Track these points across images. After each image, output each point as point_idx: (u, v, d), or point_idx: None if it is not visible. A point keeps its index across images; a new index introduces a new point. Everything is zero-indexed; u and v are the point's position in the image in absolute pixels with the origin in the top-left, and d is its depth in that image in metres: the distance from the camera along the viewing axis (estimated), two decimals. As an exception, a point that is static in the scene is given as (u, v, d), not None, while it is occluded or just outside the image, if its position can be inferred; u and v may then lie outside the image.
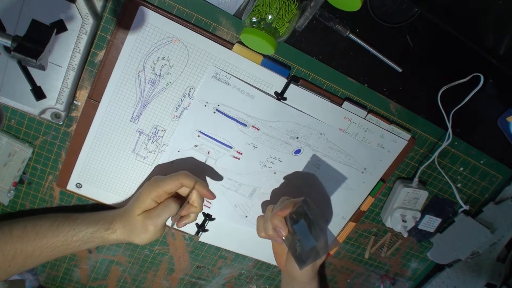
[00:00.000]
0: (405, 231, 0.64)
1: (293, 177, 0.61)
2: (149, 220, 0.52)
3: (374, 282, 0.79)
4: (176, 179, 0.51)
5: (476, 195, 0.71)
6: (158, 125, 0.54)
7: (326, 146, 0.59)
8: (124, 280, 0.69)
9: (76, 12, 0.45)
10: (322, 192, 0.63)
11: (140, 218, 0.52)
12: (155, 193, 0.51)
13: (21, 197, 0.58)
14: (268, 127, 0.56)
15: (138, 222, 0.52)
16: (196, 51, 0.50)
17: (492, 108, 0.63)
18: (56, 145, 0.55)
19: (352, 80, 0.55)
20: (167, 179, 0.52)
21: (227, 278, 0.73)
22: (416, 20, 0.52)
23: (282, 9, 0.43)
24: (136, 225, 0.52)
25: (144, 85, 0.51)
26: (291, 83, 0.53)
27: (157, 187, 0.51)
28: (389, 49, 0.54)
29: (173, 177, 0.52)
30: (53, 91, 0.49)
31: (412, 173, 0.66)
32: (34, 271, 0.65)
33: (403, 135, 0.60)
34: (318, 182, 0.62)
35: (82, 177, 0.56)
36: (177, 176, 0.52)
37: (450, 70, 0.58)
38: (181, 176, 0.52)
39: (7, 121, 0.52)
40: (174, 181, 0.51)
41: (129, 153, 0.56)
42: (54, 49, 0.47)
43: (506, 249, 0.78)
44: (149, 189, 0.52)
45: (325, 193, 0.63)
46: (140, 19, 0.47)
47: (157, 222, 0.52)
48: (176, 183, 0.51)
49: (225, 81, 0.52)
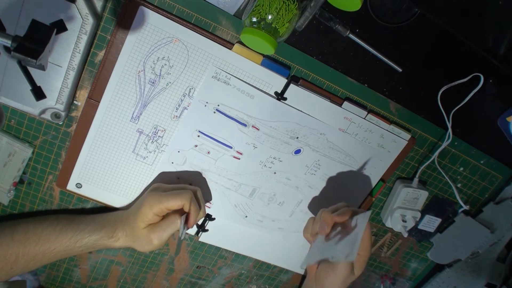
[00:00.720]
0: (405, 231, 0.64)
1: (293, 177, 0.61)
2: (154, 234, 0.52)
3: (374, 282, 0.79)
4: (180, 200, 0.51)
5: (476, 195, 0.71)
6: (158, 125, 0.54)
7: (326, 146, 0.59)
8: (124, 280, 0.69)
9: (76, 12, 0.45)
10: (322, 192, 0.63)
11: (144, 231, 0.52)
12: (157, 208, 0.51)
13: (21, 197, 0.58)
14: (268, 127, 0.56)
15: (142, 235, 0.52)
16: (196, 51, 0.50)
17: (492, 108, 0.63)
18: (56, 145, 0.55)
19: (352, 80, 0.55)
20: (170, 197, 0.51)
21: (227, 278, 0.73)
22: (416, 20, 0.52)
23: (282, 9, 0.43)
24: (140, 237, 0.52)
25: (144, 85, 0.51)
26: (291, 83, 0.53)
27: (160, 203, 0.51)
28: (389, 49, 0.54)
29: (177, 197, 0.51)
30: (53, 91, 0.49)
31: (412, 173, 0.66)
32: (34, 272, 0.65)
33: (403, 135, 0.60)
34: (318, 182, 0.62)
35: (82, 177, 0.56)
36: (181, 197, 0.51)
37: (450, 70, 0.58)
38: (184, 197, 0.51)
39: (7, 121, 0.52)
40: (177, 201, 0.51)
41: (129, 153, 0.56)
42: (54, 49, 0.47)
43: (506, 249, 0.78)
44: (151, 204, 0.51)
45: (325, 193, 0.63)
46: (140, 19, 0.47)
47: (162, 236, 0.52)
48: (178, 203, 0.51)
49: (225, 81, 0.52)
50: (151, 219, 0.52)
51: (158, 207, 0.51)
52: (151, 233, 0.52)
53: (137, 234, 0.53)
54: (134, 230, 0.53)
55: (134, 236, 0.53)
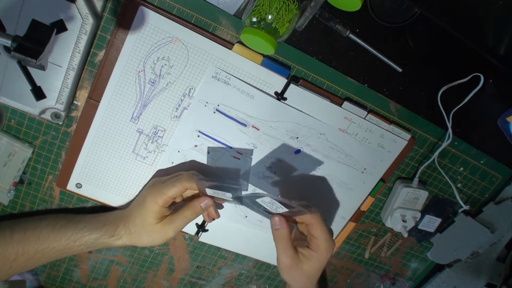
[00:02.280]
0: (405, 231, 0.64)
1: (293, 177, 0.61)
2: (170, 225, 0.52)
3: (374, 282, 0.79)
4: (179, 184, 0.50)
5: (476, 195, 0.71)
6: (158, 125, 0.54)
7: (326, 146, 0.59)
8: (124, 280, 0.69)
9: (76, 12, 0.45)
10: (322, 192, 0.63)
11: (158, 226, 0.52)
12: (161, 200, 0.51)
13: (21, 197, 0.58)
14: (268, 127, 0.56)
15: (156, 230, 0.52)
16: (196, 51, 0.50)
17: (492, 108, 0.63)
18: (56, 145, 0.55)
19: (352, 80, 0.55)
20: (170, 185, 0.51)
21: (227, 278, 0.73)
22: (416, 20, 0.52)
23: (282, 9, 0.43)
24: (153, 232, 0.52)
25: (144, 85, 0.51)
26: (291, 83, 0.53)
27: (163, 194, 0.51)
28: (389, 49, 0.54)
29: (176, 182, 0.51)
30: (53, 91, 0.49)
31: (412, 173, 0.66)
32: (34, 271, 0.65)
33: (403, 135, 0.60)
34: (318, 182, 0.62)
35: (82, 177, 0.56)
36: (180, 181, 0.51)
37: (450, 70, 0.58)
38: (183, 179, 0.51)
39: (7, 121, 0.52)
40: (178, 186, 0.50)
41: (129, 153, 0.56)
42: (54, 49, 0.47)
43: (506, 249, 0.78)
44: (155, 197, 0.51)
45: (325, 193, 0.63)
46: (140, 19, 0.47)
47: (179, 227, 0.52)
48: (179, 188, 0.51)
49: (225, 81, 0.52)
50: (159, 212, 0.52)
51: (162, 199, 0.51)
52: (166, 226, 0.52)
53: (148, 230, 0.52)
54: (144, 227, 0.52)
55: (142, 233, 0.52)
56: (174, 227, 0.52)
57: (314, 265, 0.51)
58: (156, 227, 0.52)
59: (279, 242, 0.51)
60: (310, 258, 0.51)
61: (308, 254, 0.51)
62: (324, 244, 0.50)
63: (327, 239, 0.50)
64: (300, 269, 0.51)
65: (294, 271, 0.51)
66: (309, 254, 0.51)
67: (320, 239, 0.50)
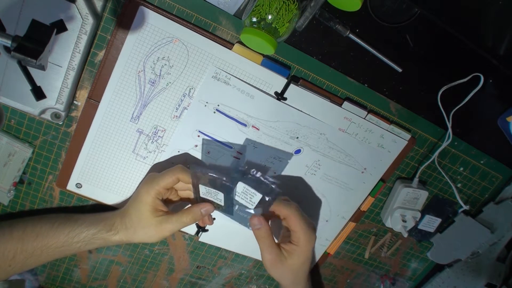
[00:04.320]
0: (405, 231, 0.64)
1: (293, 177, 0.61)
2: (166, 225, 0.52)
3: (374, 282, 0.79)
4: (172, 174, 0.51)
5: (476, 195, 0.71)
6: (158, 125, 0.54)
7: (326, 146, 0.59)
8: (124, 280, 0.69)
9: (76, 12, 0.45)
10: (322, 192, 0.63)
11: (154, 222, 0.52)
12: (154, 191, 0.51)
13: (21, 197, 0.58)
14: (268, 127, 0.56)
15: (152, 224, 0.52)
16: (196, 51, 0.50)
17: (492, 108, 0.63)
18: (56, 145, 0.55)
19: (352, 80, 0.55)
20: (163, 175, 0.51)
21: (227, 278, 0.73)
22: (416, 20, 0.52)
23: (282, 9, 0.43)
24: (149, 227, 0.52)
25: (144, 85, 0.51)
26: (291, 83, 0.53)
27: (155, 185, 0.51)
28: (389, 49, 0.54)
29: (169, 172, 0.51)
30: (53, 91, 0.49)
31: (412, 173, 0.66)
32: (34, 271, 0.65)
33: (403, 135, 0.60)
34: (318, 182, 0.62)
35: (82, 177, 0.56)
36: (172, 171, 0.51)
37: (450, 70, 0.58)
38: (176, 170, 0.51)
39: (7, 121, 0.52)
40: (171, 176, 0.51)
41: (129, 153, 0.56)
42: (54, 49, 0.47)
43: (506, 249, 0.78)
44: (147, 188, 0.52)
45: (325, 193, 0.63)
46: (140, 19, 0.47)
47: (175, 228, 0.52)
48: (172, 178, 0.51)
49: (225, 81, 0.52)
50: (153, 204, 0.51)
51: (155, 189, 0.51)
52: (162, 224, 0.52)
53: (143, 225, 0.52)
54: (140, 222, 0.52)
55: (137, 228, 0.52)
56: (171, 227, 0.52)
57: (298, 259, 0.52)
58: (151, 222, 0.52)
59: (261, 240, 0.52)
60: (293, 253, 0.51)
61: (290, 249, 0.51)
62: (303, 236, 0.50)
63: (305, 231, 0.50)
64: (285, 265, 0.52)
65: (279, 267, 0.52)
66: (291, 249, 0.51)
67: (299, 232, 0.50)
